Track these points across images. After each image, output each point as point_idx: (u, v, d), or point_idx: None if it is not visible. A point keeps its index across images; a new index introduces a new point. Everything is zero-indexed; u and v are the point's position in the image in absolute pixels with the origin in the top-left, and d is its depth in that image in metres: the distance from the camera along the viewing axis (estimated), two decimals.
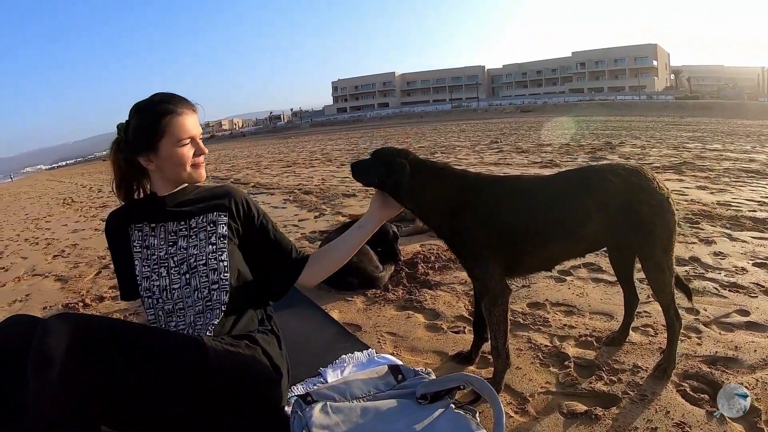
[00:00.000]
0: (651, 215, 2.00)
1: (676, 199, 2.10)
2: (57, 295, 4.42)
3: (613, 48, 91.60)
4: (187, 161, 1.84)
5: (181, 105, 1.83)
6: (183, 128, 1.81)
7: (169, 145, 1.80)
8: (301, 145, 26.44)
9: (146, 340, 1.54)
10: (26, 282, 5.11)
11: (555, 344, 2.46)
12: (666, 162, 8.87)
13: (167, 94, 1.86)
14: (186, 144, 1.83)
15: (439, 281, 3.47)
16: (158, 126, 1.78)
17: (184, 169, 1.85)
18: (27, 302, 4.34)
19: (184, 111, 1.83)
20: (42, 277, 5.20)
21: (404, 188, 2.02)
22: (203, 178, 1.95)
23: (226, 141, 67.00)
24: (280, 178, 11.37)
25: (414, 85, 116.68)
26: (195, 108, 1.89)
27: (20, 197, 19.74)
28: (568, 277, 3.32)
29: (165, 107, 1.80)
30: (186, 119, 1.82)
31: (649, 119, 28.25)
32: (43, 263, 5.89)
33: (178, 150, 1.81)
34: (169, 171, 1.86)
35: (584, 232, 2.03)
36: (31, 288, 4.81)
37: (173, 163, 1.83)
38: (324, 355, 2.39)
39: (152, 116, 1.80)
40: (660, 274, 2.05)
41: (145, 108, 1.83)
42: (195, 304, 1.81)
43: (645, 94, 66.14)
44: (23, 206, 14.96)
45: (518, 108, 58.41)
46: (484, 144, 15.53)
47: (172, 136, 1.79)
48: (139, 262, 1.86)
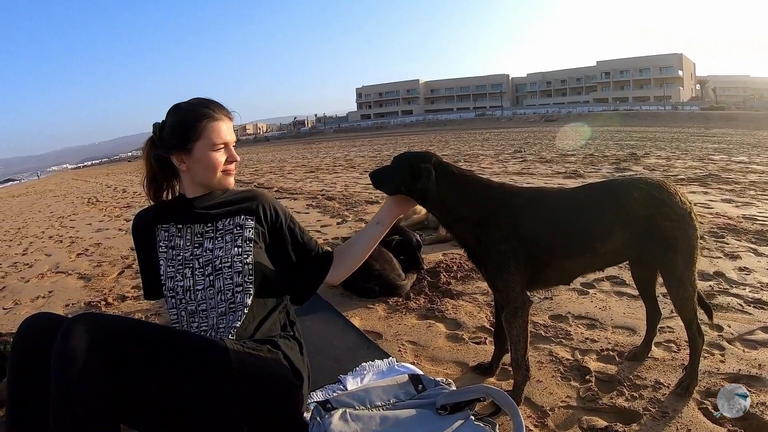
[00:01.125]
0: (673, 230, 1.98)
1: (700, 212, 2.09)
2: (80, 293, 4.49)
3: (638, 57, 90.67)
4: (219, 166, 1.87)
5: (219, 111, 1.88)
6: (218, 133, 1.85)
7: (203, 148, 1.83)
8: (325, 151, 26.53)
9: (168, 342, 1.57)
10: (50, 279, 5.20)
11: (576, 358, 2.45)
12: (691, 174, 8.77)
13: (207, 99, 1.90)
14: (220, 149, 1.86)
15: (461, 291, 3.47)
16: (195, 128, 1.82)
17: (214, 174, 1.88)
18: (50, 299, 4.42)
19: (222, 117, 1.87)
20: (65, 274, 5.29)
21: (431, 194, 2.02)
22: (232, 185, 1.98)
23: (250, 145, 67.51)
24: (304, 183, 11.43)
25: (438, 92, 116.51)
26: (231, 116, 1.93)
27: (46, 195, 20.06)
28: (591, 290, 3.30)
29: (204, 111, 1.84)
30: (222, 125, 1.86)
31: (674, 130, 27.93)
32: (67, 261, 5.99)
33: (211, 154, 1.85)
34: (200, 174, 1.89)
35: (606, 246, 2.02)
36: (55, 285, 4.89)
37: (204, 166, 1.86)
38: (344, 362, 2.41)
39: (190, 117, 1.84)
40: (682, 289, 2.03)
41: (185, 109, 1.87)
42: (218, 306, 1.83)
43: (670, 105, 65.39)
44: (48, 204, 15.21)
45: (542, 117, 58.05)
46: (508, 153, 15.46)
47: (207, 139, 1.83)
48: (164, 262, 1.89)
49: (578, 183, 8.03)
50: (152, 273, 1.93)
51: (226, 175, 1.92)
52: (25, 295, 4.64)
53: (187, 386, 1.57)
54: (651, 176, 7.79)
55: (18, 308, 4.30)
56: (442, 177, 2.02)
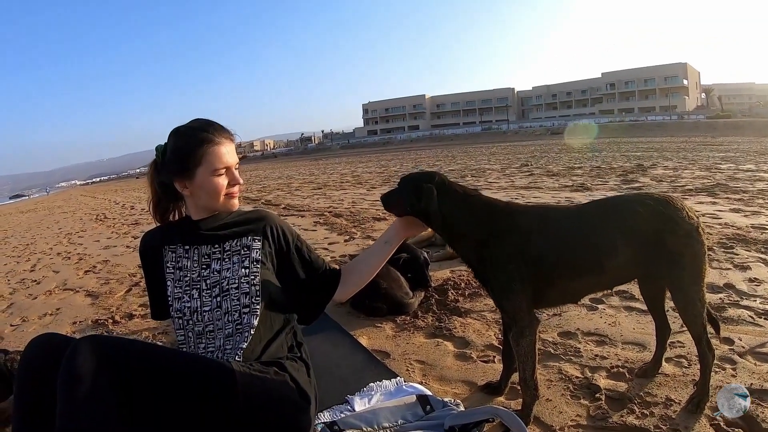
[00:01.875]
0: (679, 246, 1.97)
1: (708, 223, 2.07)
2: (87, 310, 4.51)
3: (642, 68, 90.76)
4: (221, 190, 1.87)
5: (219, 134, 1.86)
6: (219, 158, 1.83)
7: (204, 174, 1.83)
8: (332, 167, 26.65)
9: (174, 364, 1.57)
10: (57, 296, 5.24)
11: (586, 375, 2.43)
12: (699, 184, 8.75)
13: (206, 122, 1.89)
14: (221, 174, 1.85)
15: (469, 308, 3.45)
16: (195, 154, 1.81)
17: (217, 198, 1.88)
18: (57, 316, 4.44)
19: (222, 140, 1.85)
20: (73, 291, 5.32)
21: (433, 214, 2.01)
22: (236, 207, 1.96)
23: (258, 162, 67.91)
24: (311, 200, 11.46)
25: (444, 107, 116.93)
26: (233, 137, 1.91)
27: (54, 211, 20.24)
28: (600, 306, 3.27)
29: (203, 135, 1.83)
30: (222, 148, 1.84)
31: (681, 140, 27.90)
32: (75, 278, 6.04)
33: (213, 179, 1.84)
34: (203, 199, 1.89)
35: (613, 264, 2.00)
36: (62, 302, 4.92)
37: (207, 191, 1.86)
38: (352, 383, 2.39)
39: (190, 143, 1.83)
40: (690, 306, 2.02)
41: (184, 134, 1.86)
42: (225, 327, 1.83)
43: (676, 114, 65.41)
44: (57, 220, 15.36)
45: (548, 130, 58.11)
46: (515, 167, 15.48)
47: (208, 165, 1.82)
48: (171, 283, 1.89)
49: (586, 196, 8.04)
50: (159, 293, 1.93)
51: (230, 199, 1.91)
52: (33, 312, 4.67)
53: (194, 408, 1.57)
54: (657, 190, 7.84)
55: (25, 325, 4.34)
56: (445, 196, 2.02)
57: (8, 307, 5.06)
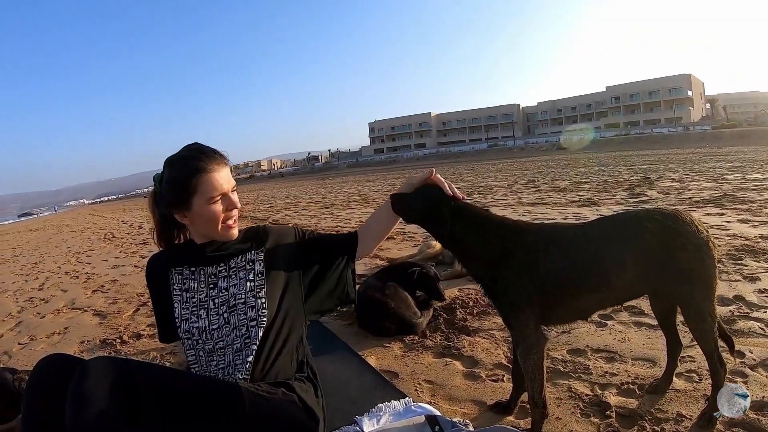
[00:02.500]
0: (689, 261, 1.96)
1: (717, 235, 2.06)
2: (95, 330, 4.53)
3: (646, 80, 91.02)
4: (219, 217, 1.86)
5: (211, 161, 1.84)
6: (213, 185, 1.82)
7: (200, 203, 1.83)
8: (339, 186, 26.72)
9: (182, 385, 1.58)
10: (65, 315, 5.27)
11: (596, 393, 2.41)
12: (706, 195, 8.72)
13: (197, 149, 1.87)
14: (217, 200, 1.85)
15: (478, 327, 3.43)
16: (189, 184, 1.81)
17: (216, 225, 1.88)
18: (65, 335, 4.47)
19: (214, 167, 1.84)
20: (81, 311, 5.36)
21: (447, 237, 2.04)
22: (235, 236, 1.96)
23: (265, 181, 68.24)
24: (318, 219, 11.48)
25: (450, 125, 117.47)
26: (226, 161, 1.91)
27: (62, 230, 20.39)
28: (609, 322, 3.24)
29: (195, 165, 1.82)
30: (216, 176, 1.83)
31: (687, 151, 27.87)
32: (83, 297, 6.07)
33: (210, 207, 1.84)
34: (203, 227, 1.90)
35: (622, 281, 2.00)
36: (70, 322, 4.95)
37: (205, 220, 1.86)
38: (360, 403, 2.38)
39: (183, 174, 1.82)
40: (701, 321, 2.00)
41: (177, 164, 1.86)
42: (234, 343, 1.84)
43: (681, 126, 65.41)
44: (65, 239, 15.47)
45: (554, 145, 58.22)
46: (522, 183, 15.49)
47: (203, 193, 1.81)
48: (178, 305, 1.90)
49: (593, 211, 8.02)
50: (167, 316, 1.94)
51: (228, 229, 1.91)
52: (41, 331, 4.70)
53: (202, 429, 1.58)
54: (665, 203, 7.82)
55: (33, 344, 4.36)
56: (458, 218, 2.04)
57: (16, 326, 5.11)
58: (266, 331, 1.86)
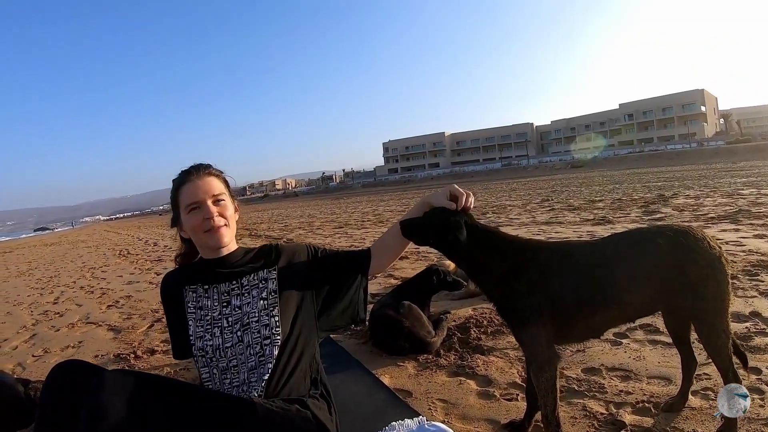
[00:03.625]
0: (701, 277, 1.95)
1: (732, 251, 2.06)
2: (109, 344, 4.57)
3: (659, 97, 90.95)
4: (197, 226, 1.90)
5: (190, 173, 1.93)
6: (190, 194, 1.90)
7: (183, 213, 1.91)
8: (353, 206, 26.79)
9: (197, 400, 1.59)
10: (80, 329, 5.34)
11: (611, 411, 2.39)
12: (721, 211, 8.68)
13: (192, 165, 1.97)
14: (194, 209, 1.89)
15: (492, 346, 3.42)
16: (175, 197, 1.94)
17: (197, 235, 1.92)
18: (79, 349, 4.52)
19: (192, 178, 1.92)
20: (95, 325, 5.42)
21: (461, 247, 2.03)
22: (223, 242, 1.94)
23: (279, 200, 68.55)
24: (333, 239, 11.49)
25: (464, 144, 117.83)
26: (210, 171, 1.97)
27: (78, 245, 20.59)
28: (624, 340, 3.23)
29: (177, 179, 1.94)
30: (191, 186, 1.91)
31: (701, 167, 27.73)
32: (98, 312, 6.14)
33: (187, 216, 1.91)
34: (193, 237, 1.95)
35: (635, 297, 2.00)
36: (85, 335, 5.01)
37: (189, 230, 1.93)
38: (373, 421, 2.37)
39: (172, 189, 1.95)
40: (714, 338, 1.99)
41: (172, 181, 1.97)
42: (248, 361, 1.85)
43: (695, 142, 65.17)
44: (80, 254, 15.65)
45: (568, 164, 58.11)
46: (536, 202, 15.47)
47: (183, 203, 1.90)
48: (192, 322, 1.92)
49: (608, 229, 7.98)
50: (181, 334, 1.96)
51: (211, 234, 1.90)
52: (55, 344, 4.77)
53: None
54: (679, 219, 7.78)
55: (47, 356, 4.42)
56: (470, 232, 2.04)
57: (31, 338, 5.19)
58: (280, 350, 1.87)
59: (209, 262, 1.98)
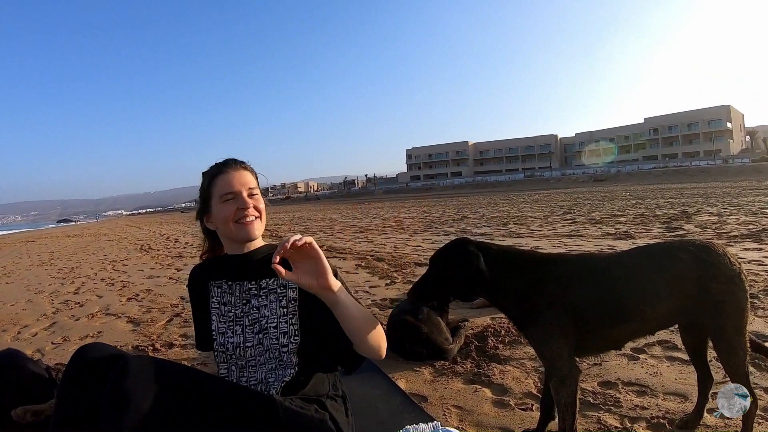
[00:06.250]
0: (721, 292, 1.96)
1: (755, 270, 2.06)
2: (128, 336, 4.65)
3: (685, 112, 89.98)
4: (229, 215, 1.90)
5: (228, 165, 1.97)
6: (225, 184, 1.92)
7: (216, 203, 1.93)
8: (375, 212, 26.80)
9: (220, 392, 1.62)
10: (99, 320, 5.44)
11: (626, 426, 2.39)
12: (744, 230, 8.61)
13: (226, 159, 2.01)
14: (228, 199, 1.91)
15: (509, 356, 3.43)
16: (208, 187, 1.95)
17: (228, 225, 1.92)
18: (98, 339, 4.57)
19: (229, 169, 1.95)
20: (115, 317, 5.51)
21: (484, 275, 2.04)
22: (254, 234, 1.95)
23: (301, 203, 68.82)
24: (353, 243, 11.53)
25: (487, 154, 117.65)
26: (245, 167, 2.00)
27: (100, 238, 20.89)
28: (642, 355, 3.23)
29: (214, 169, 1.96)
30: (227, 177, 1.93)
31: (726, 185, 27.39)
32: (117, 304, 6.24)
33: (221, 205, 1.91)
34: (221, 229, 1.97)
35: (655, 311, 2.01)
36: (104, 326, 5.11)
37: (219, 220, 1.93)
38: (388, 425, 2.40)
39: (205, 179, 1.97)
40: (732, 355, 1.99)
41: (203, 173, 2.00)
42: (267, 363, 1.88)
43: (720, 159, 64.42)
44: (102, 247, 15.90)
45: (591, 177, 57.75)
46: (557, 215, 15.39)
47: (217, 193, 1.92)
48: (216, 318, 1.95)
49: (629, 244, 7.93)
50: (205, 326, 1.99)
51: (242, 226, 1.91)
52: (75, 333, 4.87)
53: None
54: (702, 237, 7.71)
55: (66, 344, 4.52)
56: (485, 257, 2.07)
57: (50, 326, 5.30)
58: (300, 355, 1.87)
59: (234, 257, 2.00)
